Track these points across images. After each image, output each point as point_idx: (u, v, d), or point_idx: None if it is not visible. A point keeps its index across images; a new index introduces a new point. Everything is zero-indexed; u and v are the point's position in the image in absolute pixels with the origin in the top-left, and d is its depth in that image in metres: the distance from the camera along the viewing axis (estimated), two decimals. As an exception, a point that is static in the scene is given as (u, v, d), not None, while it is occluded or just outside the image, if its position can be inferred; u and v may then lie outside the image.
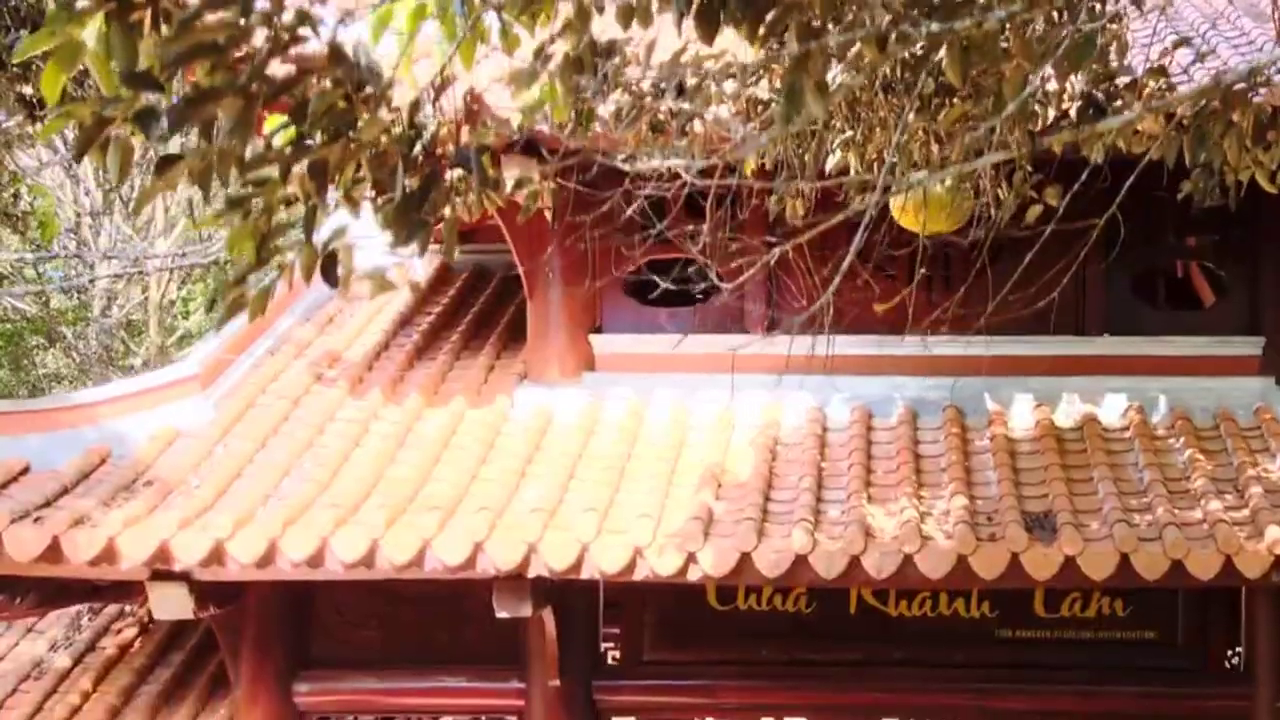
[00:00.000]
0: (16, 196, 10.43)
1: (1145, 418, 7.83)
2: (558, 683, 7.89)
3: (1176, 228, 8.29)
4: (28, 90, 10.53)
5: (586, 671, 8.02)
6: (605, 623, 8.16)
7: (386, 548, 6.66)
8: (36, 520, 6.65)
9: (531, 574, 6.73)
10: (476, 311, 9.10)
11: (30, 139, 10.77)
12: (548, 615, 7.56)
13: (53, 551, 6.57)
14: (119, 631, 9.16)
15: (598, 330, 8.25)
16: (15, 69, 10.01)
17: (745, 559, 6.61)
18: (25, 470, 7.09)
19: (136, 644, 9.05)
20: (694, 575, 6.67)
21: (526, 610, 7.00)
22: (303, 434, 7.60)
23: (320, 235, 3.21)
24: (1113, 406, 7.93)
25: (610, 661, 8.19)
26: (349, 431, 7.61)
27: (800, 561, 6.60)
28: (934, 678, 8.06)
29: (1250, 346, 8.11)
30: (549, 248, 8.02)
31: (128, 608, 9.43)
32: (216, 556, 6.64)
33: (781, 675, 8.13)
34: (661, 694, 8.12)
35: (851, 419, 7.85)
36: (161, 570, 6.89)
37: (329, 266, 3.03)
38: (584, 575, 6.71)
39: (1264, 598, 7.90)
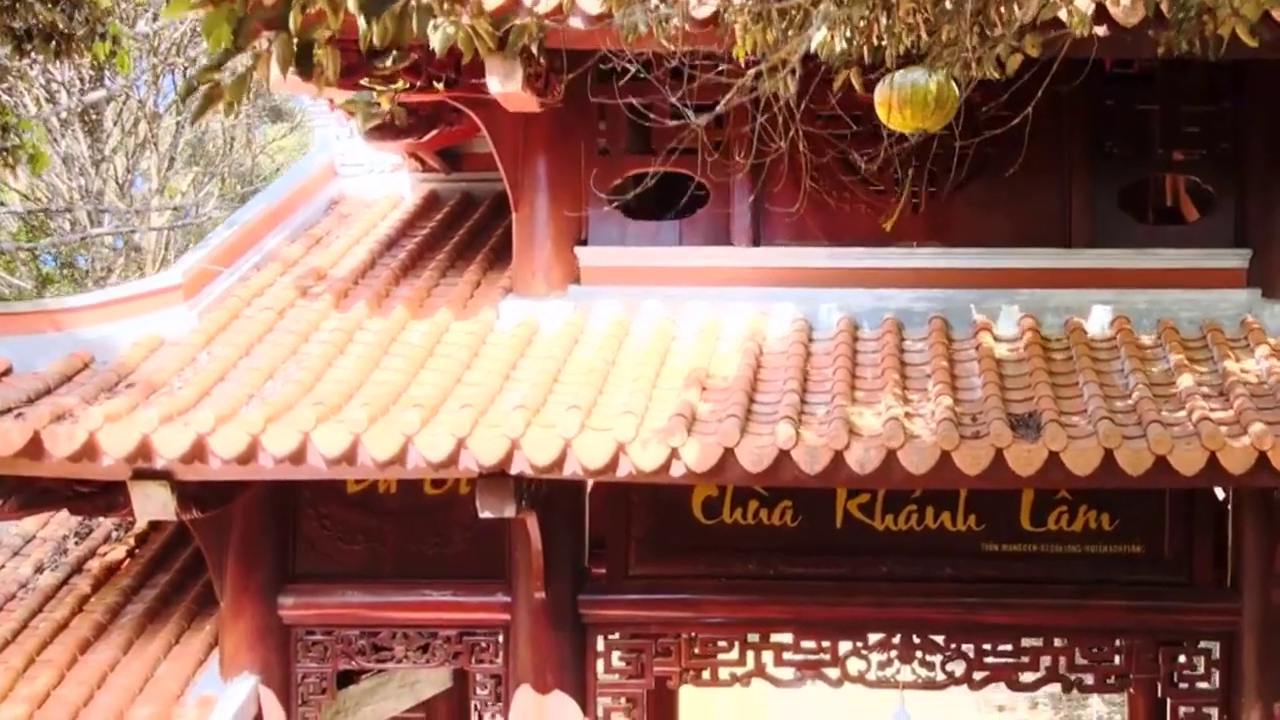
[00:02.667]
0: (6, 130, 10.38)
1: (1131, 328, 7.81)
2: (543, 595, 7.89)
3: (1163, 142, 8.27)
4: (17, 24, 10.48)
5: (572, 585, 8.01)
6: (591, 537, 8.14)
7: (369, 444, 6.63)
8: (18, 416, 6.64)
9: (514, 470, 6.70)
10: (463, 234, 9.07)
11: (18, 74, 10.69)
12: (533, 526, 7.55)
13: (34, 446, 6.55)
14: (105, 555, 9.17)
15: (583, 243, 8.22)
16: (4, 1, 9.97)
17: (728, 454, 6.58)
18: (7, 371, 7.08)
19: (123, 566, 9.06)
20: (677, 471, 6.64)
21: (510, 510, 6.98)
22: (287, 342, 7.59)
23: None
24: (1099, 318, 7.90)
25: (596, 576, 8.14)
26: (333, 340, 7.60)
27: (783, 457, 6.58)
28: (920, 591, 8.05)
29: (1237, 259, 8.07)
30: (535, 156, 8.02)
31: (114, 533, 9.44)
32: (198, 452, 6.62)
33: (767, 589, 8.12)
34: (647, 608, 8.10)
35: (837, 329, 7.83)
36: (143, 469, 6.87)
37: (305, 57, 3.00)
38: (566, 472, 6.68)
39: (1251, 510, 7.90)
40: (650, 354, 7.53)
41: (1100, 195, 8.17)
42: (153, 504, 6.99)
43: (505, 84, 6.97)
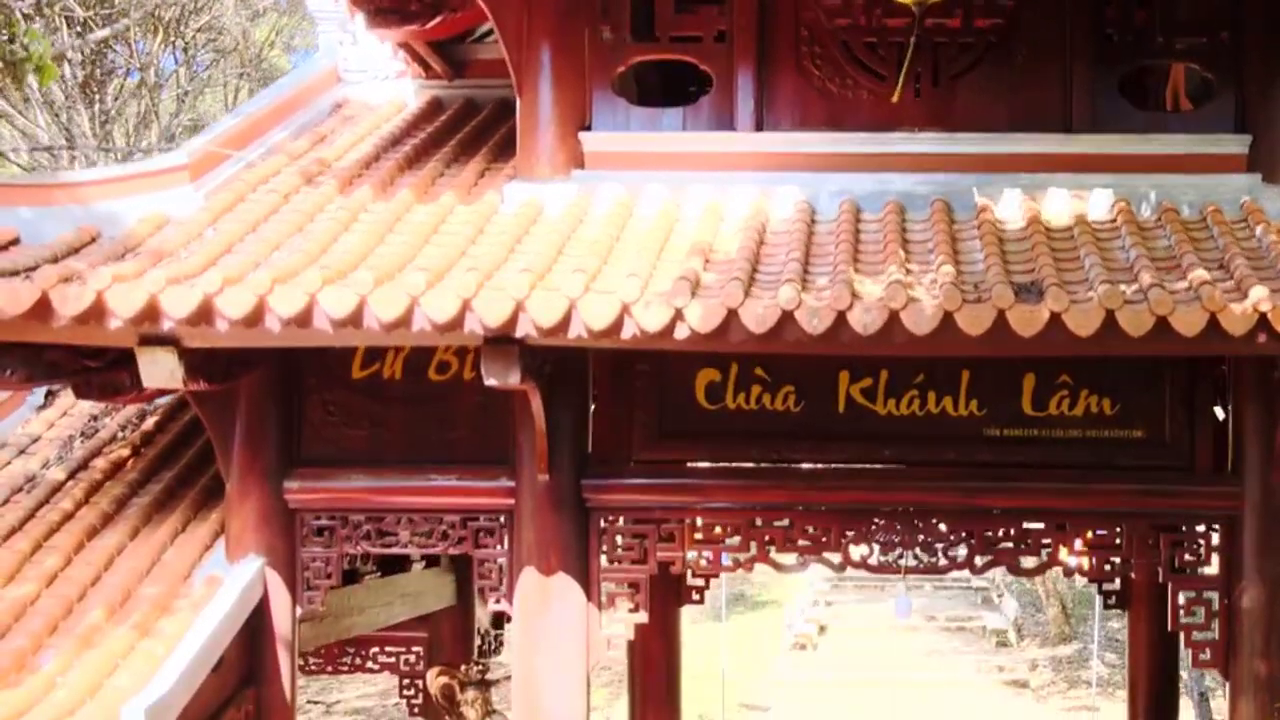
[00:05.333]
0: (12, 39, 10.38)
1: (1132, 210, 7.85)
2: (547, 478, 7.93)
3: (1164, 28, 8.30)
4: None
5: (575, 469, 8.05)
6: (594, 422, 8.18)
7: (374, 305, 6.66)
8: (26, 277, 6.66)
9: (519, 334, 6.73)
10: (467, 133, 9.12)
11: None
12: (537, 405, 7.58)
13: (41, 307, 6.56)
14: (110, 453, 9.21)
15: (587, 129, 8.25)
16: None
17: (732, 315, 6.60)
18: (15, 241, 7.10)
19: (129, 463, 9.10)
20: (680, 333, 6.65)
21: (515, 378, 7.00)
22: (293, 220, 7.63)
23: None
24: (1100, 201, 7.94)
25: (599, 461, 8.18)
26: (339, 218, 7.64)
27: (786, 318, 6.59)
28: (922, 476, 8.10)
29: (1237, 144, 8.10)
30: (539, 41, 8.06)
31: (120, 434, 9.49)
32: (205, 314, 6.64)
33: (770, 474, 8.17)
34: (650, 493, 8.14)
35: (839, 211, 7.86)
36: (149, 334, 6.91)
37: None
38: (571, 334, 6.70)
39: (1251, 394, 7.95)
40: (654, 231, 7.56)
41: (1101, 81, 8.20)
42: (159, 370, 7.03)
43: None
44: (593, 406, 8.16)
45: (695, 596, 12.20)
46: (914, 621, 29.38)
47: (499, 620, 12.36)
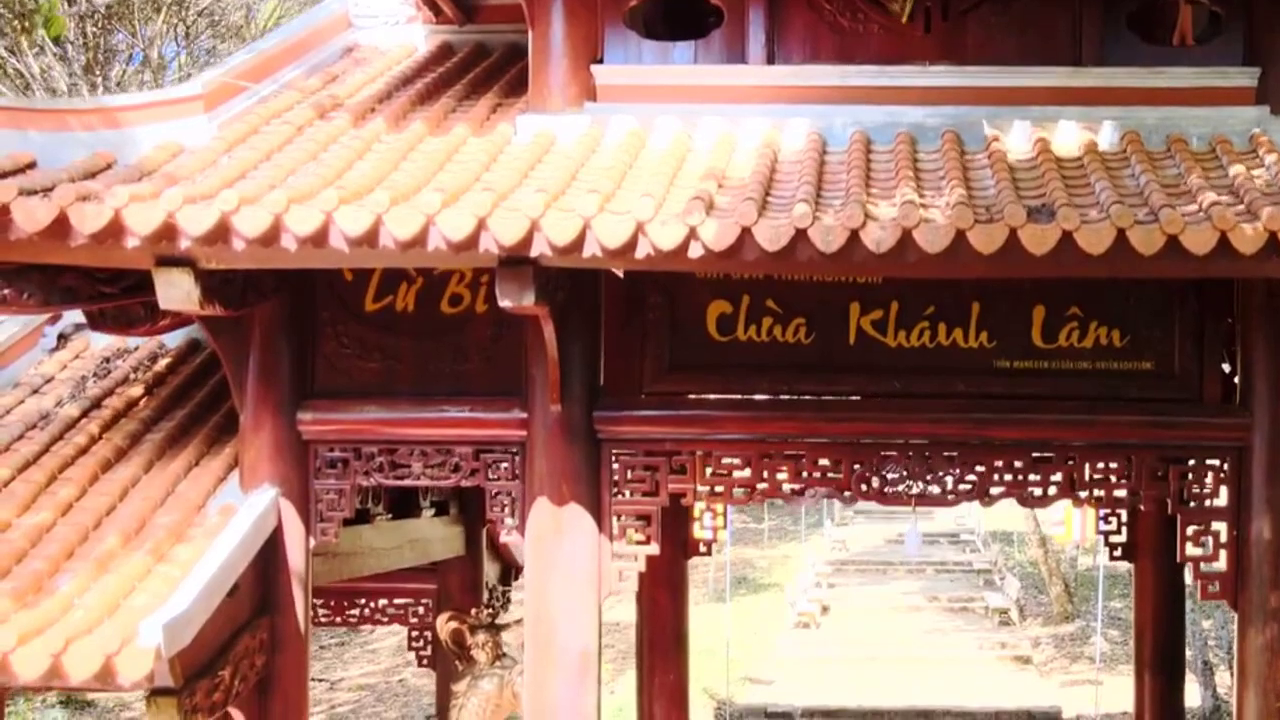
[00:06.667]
0: (22, -9, 10.47)
1: (1141, 141, 7.89)
2: (559, 409, 7.97)
3: (1174, -37, 8.36)
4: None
5: (587, 401, 8.10)
6: (605, 355, 8.21)
7: (390, 224, 6.68)
8: (44, 196, 6.69)
9: (534, 253, 6.75)
10: (478, 73, 9.16)
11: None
12: (549, 332, 7.62)
13: (59, 225, 6.60)
14: (124, 392, 9.25)
15: (598, 62, 8.29)
16: None
17: (746, 234, 6.63)
18: (32, 164, 7.12)
19: (142, 401, 9.14)
20: (694, 252, 6.69)
21: (529, 299, 7.02)
22: (307, 148, 7.66)
23: None
24: (1109, 133, 7.97)
25: (610, 393, 8.21)
26: (353, 146, 7.67)
27: (800, 236, 6.63)
28: (932, 408, 8.14)
29: (1246, 77, 8.14)
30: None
31: (132, 375, 9.53)
32: (221, 232, 6.67)
33: (781, 406, 8.23)
34: (661, 425, 8.18)
35: (851, 141, 7.90)
36: (166, 255, 6.95)
37: None
38: (586, 254, 6.73)
39: (1260, 326, 8.00)
40: (667, 159, 7.60)
41: (1110, 16, 8.25)
42: (176, 292, 7.05)
43: None
44: (604, 338, 8.19)
45: (702, 549, 12.28)
46: (916, 602, 29.49)
47: (506, 576, 12.44)
